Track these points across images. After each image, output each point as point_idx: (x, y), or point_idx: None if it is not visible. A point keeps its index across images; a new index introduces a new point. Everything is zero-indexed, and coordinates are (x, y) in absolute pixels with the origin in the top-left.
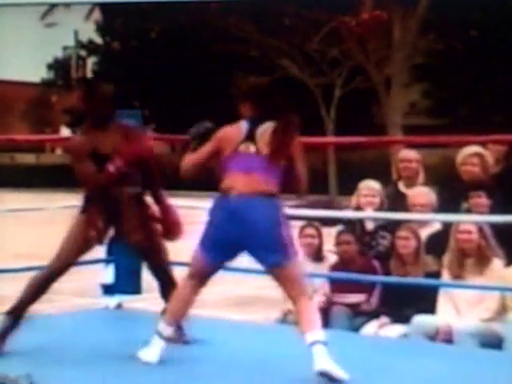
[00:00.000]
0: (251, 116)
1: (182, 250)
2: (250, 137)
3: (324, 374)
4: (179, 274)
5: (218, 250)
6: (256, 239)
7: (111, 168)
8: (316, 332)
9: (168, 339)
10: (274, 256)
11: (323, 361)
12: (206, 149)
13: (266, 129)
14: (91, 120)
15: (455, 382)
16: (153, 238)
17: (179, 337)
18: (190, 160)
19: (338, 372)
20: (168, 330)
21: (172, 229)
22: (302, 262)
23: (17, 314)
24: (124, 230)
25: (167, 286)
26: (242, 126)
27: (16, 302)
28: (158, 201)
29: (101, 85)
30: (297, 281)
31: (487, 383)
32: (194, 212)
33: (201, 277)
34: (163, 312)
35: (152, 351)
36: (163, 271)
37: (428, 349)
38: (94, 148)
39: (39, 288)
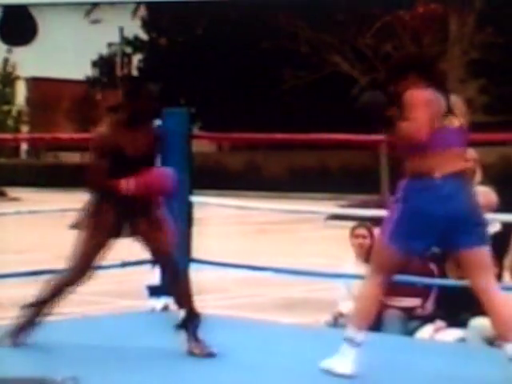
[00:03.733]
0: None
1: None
2: (450, 108)
3: None
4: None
5: (417, 237)
6: (464, 222)
7: (124, 187)
8: None
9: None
10: (473, 238)
11: None
12: (425, 114)
13: (456, 100)
14: (129, 118)
15: None
16: (159, 228)
17: (202, 349)
18: (418, 128)
19: None
20: (360, 336)
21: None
22: (354, 263)
23: (33, 311)
24: (135, 225)
25: (171, 277)
26: (438, 94)
27: (34, 300)
28: None
29: (147, 84)
30: (487, 268)
31: None
32: (240, 212)
33: (389, 273)
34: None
35: (345, 361)
36: (168, 262)
37: (485, 353)
38: (120, 147)
39: (58, 292)
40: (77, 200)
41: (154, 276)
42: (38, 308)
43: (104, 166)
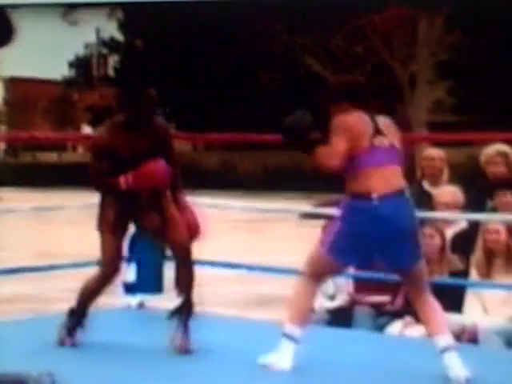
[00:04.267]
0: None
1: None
2: (377, 129)
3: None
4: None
5: (352, 254)
6: (402, 242)
7: (122, 183)
8: (447, 336)
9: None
10: (412, 255)
11: (460, 370)
12: (342, 142)
13: (386, 122)
14: (127, 121)
15: (479, 382)
16: (173, 223)
17: (182, 344)
18: (330, 156)
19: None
20: (297, 331)
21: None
22: None
23: (77, 312)
24: (142, 220)
25: (182, 263)
26: (365, 117)
27: (76, 302)
28: (176, 201)
29: (147, 89)
30: (424, 280)
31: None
32: (215, 211)
33: (322, 277)
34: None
35: (284, 357)
36: (185, 254)
37: None
38: (118, 149)
39: (95, 290)
40: (54, 199)
41: (129, 273)
42: (84, 305)
43: (102, 167)
